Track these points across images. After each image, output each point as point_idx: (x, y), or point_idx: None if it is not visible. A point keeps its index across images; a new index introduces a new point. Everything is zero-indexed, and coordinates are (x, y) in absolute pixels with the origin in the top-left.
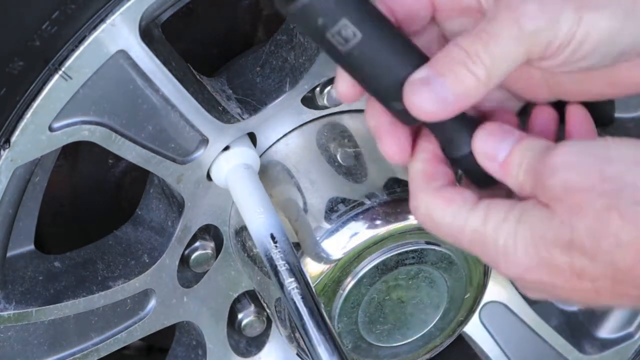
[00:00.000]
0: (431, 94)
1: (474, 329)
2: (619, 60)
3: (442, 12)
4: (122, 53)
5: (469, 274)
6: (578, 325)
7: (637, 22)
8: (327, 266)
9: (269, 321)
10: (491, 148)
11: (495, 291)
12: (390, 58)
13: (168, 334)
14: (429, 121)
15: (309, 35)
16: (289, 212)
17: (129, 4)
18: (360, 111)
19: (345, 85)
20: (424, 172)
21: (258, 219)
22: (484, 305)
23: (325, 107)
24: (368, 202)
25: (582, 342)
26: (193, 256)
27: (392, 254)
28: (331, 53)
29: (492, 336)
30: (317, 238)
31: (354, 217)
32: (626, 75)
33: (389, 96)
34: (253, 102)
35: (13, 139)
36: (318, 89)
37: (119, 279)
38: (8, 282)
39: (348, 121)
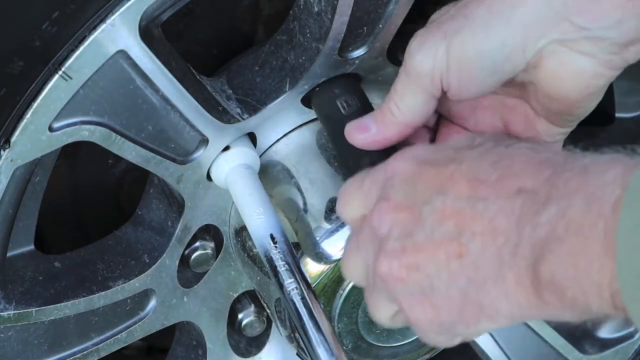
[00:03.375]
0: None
1: None
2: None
3: None
4: (122, 53)
5: None
6: (578, 325)
7: (498, 30)
8: (327, 266)
9: (269, 321)
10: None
11: None
12: None
13: (168, 334)
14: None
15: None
16: (289, 212)
17: (129, 4)
18: None
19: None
20: None
21: (258, 219)
22: None
23: None
24: None
25: (582, 342)
26: (193, 256)
27: None
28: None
29: (492, 336)
30: (317, 238)
31: None
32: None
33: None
34: (253, 102)
35: (13, 139)
36: (318, 89)
37: (119, 279)
38: (8, 282)
39: None
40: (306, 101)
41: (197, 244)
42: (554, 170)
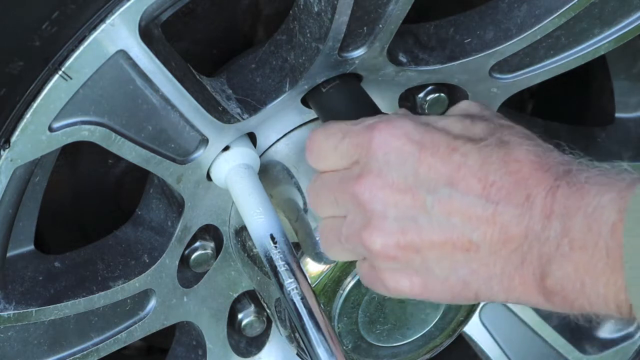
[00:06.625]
0: None
1: (474, 329)
2: None
3: None
4: (122, 53)
5: None
6: (578, 325)
7: None
8: (327, 266)
9: (269, 321)
10: None
11: None
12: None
13: (168, 334)
14: None
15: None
16: (289, 212)
17: (128, 4)
18: None
19: None
20: None
21: (258, 219)
22: (484, 305)
23: None
24: None
25: (582, 342)
26: (193, 256)
27: None
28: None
29: (492, 336)
30: (317, 238)
31: None
32: None
33: None
34: (253, 102)
35: (13, 139)
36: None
37: (119, 279)
38: (8, 282)
39: None
40: (306, 101)
41: (197, 244)
42: (555, 180)
